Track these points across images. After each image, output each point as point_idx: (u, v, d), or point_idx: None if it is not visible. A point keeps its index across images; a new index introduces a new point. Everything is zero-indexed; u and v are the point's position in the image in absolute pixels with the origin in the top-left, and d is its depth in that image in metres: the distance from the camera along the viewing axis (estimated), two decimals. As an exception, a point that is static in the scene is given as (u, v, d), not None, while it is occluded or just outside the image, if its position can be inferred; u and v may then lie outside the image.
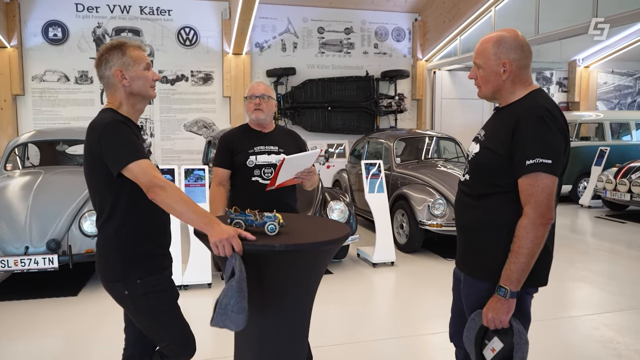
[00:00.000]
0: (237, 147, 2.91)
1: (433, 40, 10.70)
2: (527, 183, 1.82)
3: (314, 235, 1.97)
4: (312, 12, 10.53)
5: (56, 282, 5.00)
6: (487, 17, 9.37)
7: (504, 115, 1.97)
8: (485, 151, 1.97)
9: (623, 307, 4.41)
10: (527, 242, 1.80)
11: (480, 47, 2.00)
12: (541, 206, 1.80)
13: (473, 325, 1.98)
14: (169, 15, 9.68)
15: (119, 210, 2.01)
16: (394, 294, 5.17)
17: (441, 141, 7.95)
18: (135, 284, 2.02)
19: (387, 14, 10.97)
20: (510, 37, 1.95)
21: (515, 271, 1.83)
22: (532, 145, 1.81)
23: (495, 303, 1.87)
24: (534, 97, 1.94)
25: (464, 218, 2.10)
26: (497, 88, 1.99)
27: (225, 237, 1.75)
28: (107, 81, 2.08)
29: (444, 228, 5.91)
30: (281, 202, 2.72)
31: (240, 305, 1.71)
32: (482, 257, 1.98)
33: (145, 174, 1.87)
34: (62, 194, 4.87)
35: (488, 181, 1.96)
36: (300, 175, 2.60)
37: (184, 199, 1.86)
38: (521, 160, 1.83)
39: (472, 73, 2.08)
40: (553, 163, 1.81)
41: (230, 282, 1.72)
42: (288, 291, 1.92)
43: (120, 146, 1.91)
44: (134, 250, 2.04)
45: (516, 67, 1.94)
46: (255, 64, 10.22)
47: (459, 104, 11.57)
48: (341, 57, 10.84)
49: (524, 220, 1.81)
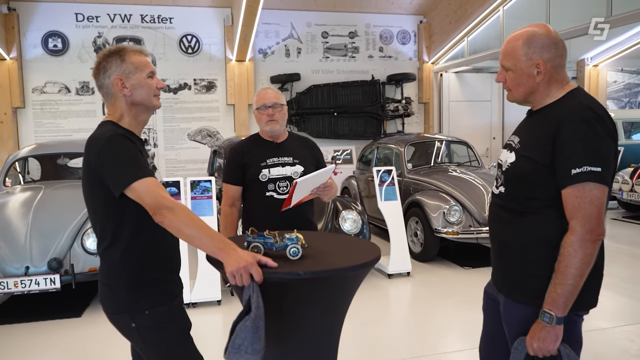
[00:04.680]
0: (249, 161, 2.69)
1: (439, 42, 10.50)
2: (574, 195, 1.60)
3: (342, 258, 1.75)
4: (316, 16, 10.35)
5: (58, 303, 4.78)
6: (495, 17, 9.16)
7: (541, 119, 1.75)
8: (522, 160, 1.75)
9: None
10: (575, 261, 1.59)
11: (508, 46, 1.78)
12: (590, 220, 1.59)
13: (517, 355, 1.76)
14: (170, 23, 9.51)
15: (123, 234, 1.80)
16: (411, 308, 4.94)
17: (452, 145, 7.74)
18: (143, 315, 1.81)
19: (391, 16, 10.77)
20: (542, 34, 1.73)
21: (561, 294, 1.61)
22: (578, 152, 1.59)
23: (540, 331, 1.65)
24: (576, 97, 1.72)
25: (501, 234, 1.87)
26: (530, 91, 1.77)
27: (243, 265, 1.54)
28: (106, 91, 1.87)
29: (461, 236, 5.68)
30: (299, 218, 2.52)
31: (254, 347, 1.49)
32: (525, 278, 1.76)
33: (151, 194, 1.66)
34: (64, 210, 4.67)
35: (527, 194, 1.74)
36: (317, 192, 2.39)
37: (195, 222, 1.65)
38: (566, 169, 1.61)
39: (499, 76, 1.85)
40: (603, 171, 1.59)
41: (245, 321, 1.51)
42: (312, 323, 1.71)
43: (122, 163, 1.70)
44: (141, 278, 1.83)
45: (551, 66, 1.73)
46: (259, 70, 10.03)
47: (467, 106, 11.35)
48: (346, 61, 10.64)
49: (571, 237, 1.60)
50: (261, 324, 1.49)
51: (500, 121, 11.68)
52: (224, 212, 2.77)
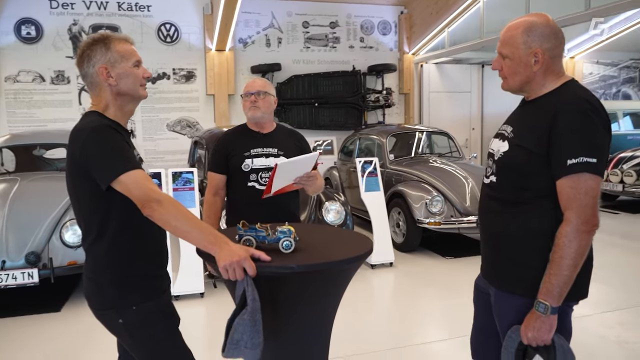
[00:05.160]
0: (233, 150, 2.67)
1: (420, 33, 10.51)
2: (569, 185, 1.61)
3: (334, 251, 1.74)
4: (297, 6, 10.25)
5: (37, 297, 4.67)
6: (476, 9, 9.19)
7: (536, 108, 1.75)
8: (517, 149, 1.75)
9: (633, 304, 4.27)
10: (570, 251, 1.60)
11: (507, 34, 1.77)
12: (585, 211, 1.60)
13: (511, 344, 1.78)
14: (148, 11, 9.31)
15: (109, 228, 1.75)
16: (394, 298, 4.97)
17: (433, 136, 7.78)
18: (130, 311, 1.77)
19: (372, 7, 10.74)
20: (542, 24, 1.73)
21: (556, 284, 1.62)
22: (574, 143, 1.60)
23: (534, 321, 1.67)
24: (571, 89, 1.73)
25: (492, 226, 1.87)
26: (526, 80, 1.77)
27: (236, 259, 1.51)
28: (90, 80, 1.81)
29: (443, 226, 5.73)
30: (282, 210, 2.49)
31: (254, 341, 1.47)
32: (517, 269, 1.77)
33: (140, 187, 1.62)
34: (41, 202, 4.55)
35: (520, 183, 1.74)
36: (300, 181, 2.36)
37: (185, 215, 1.61)
38: (562, 159, 1.61)
39: (496, 64, 1.85)
40: (598, 162, 1.61)
41: (242, 315, 1.48)
42: (306, 316, 1.69)
43: (108, 155, 1.65)
44: (128, 273, 1.78)
45: (549, 56, 1.73)
46: (239, 60, 9.91)
47: (447, 97, 11.42)
48: (327, 51, 10.58)
49: (566, 227, 1.61)
50: (258, 317, 1.47)
51: (479, 112, 11.78)
52: (207, 200, 2.74)
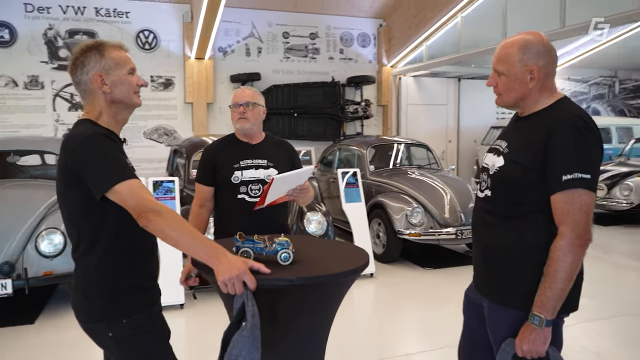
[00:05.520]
0: (221, 161, 2.62)
1: (398, 46, 10.65)
2: (564, 200, 1.65)
3: (332, 264, 1.73)
4: (277, 16, 10.28)
5: (10, 309, 4.50)
6: (454, 24, 9.38)
7: (530, 125, 1.79)
8: (512, 165, 1.79)
9: (610, 315, 4.36)
10: (564, 265, 1.63)
11: (502, 52, 1.81)
12: (579, 226, 1.64)
13: (505, 356, 1.79)
14: (126, 18, 9.21)
15: (102, 239, 1.71)
16: (375, 309, 4.97)
17: (411, 147, 7.86)
18: (121, 324, 1.72)
19: (352, 19, 10.85)
20: (537, 42, 1.77)
21: (551, 297, 1.65)
22: (569, 159, 1.64)
23: (530, 333, 1.69)
24: (565, 106, 1.77)
25: (487, 239, 1.90)
26: (522, 96, 1.80)
27: (236, 273, 1.49)
28: (84, 87, 1.77)
29: (423, 237, 5.78)
30: (272, 222, 2.47)
31: (252, 357, 1.44)
32: (511, 282, 1.79)
33: (136, 197, 1.58)
34: (16, 211, 4.40)
35: (516, 198, 1.77)
36: (292, 193, 2.34)
37: (183, 226, 1.58)
38: (557, 175, 1.65)
39: (491, 80, 1.88)
40: (592, 178, 1.65)
41: (241, 331, 1.45)
42: (303, 328, 1.68)
43: (103, 164, 1.61)
44: (120, 285, 1.74)
45: (544, 73, 1.77)
46: (219, 69, 9.86)
47: (424, 109, 11.58)
48: (306, 62, 10.63)
49: (561, 242, 1.64)
50: (258, 333, 1.44)
51: (455, 125, 11.98)
52: (193, 212, 2.69)
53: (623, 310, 4.48)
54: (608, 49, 11.36)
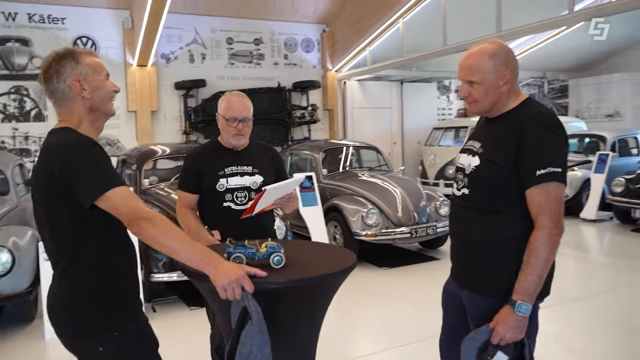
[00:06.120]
0: (206, 169, 2.56)
1: (342, 51, 10.83)
2: (540, 193, 1.77)
3: (323, 265, 1.77)
4: (220, 22, 10.19)
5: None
6: (395, 29, 9.65)
7: (501, 125, 1.91)
8: (488, 163, 1.89)
9: (552, 303, 4.60)
10: (544, 253, 1.75)
11: (471, 62, 1.90)
12: (555, 216, 1.76)
13: (476, 341, 1.88)
14: (62, 24, 8.83)
15: (88, 250, 1.66)
16: (335, 310, 5.01)
17: (361, 150, 8.01)
18: (111, 338, 1.67)
19: (295, 24, 10.92)
20: (503, 49, 1.90)
21: (532, 283, 1.77)
22: (541, 155, 1.77)
23: (512, 321, 1.79)
24: (532, 106, 1.90)
25: (466, 234, 1.99)
26: (496, 100, 1.91)
27: (235, 278, 1.50)
28: (61, 95, 1.72)
29: (379, 237, 5.90)
30: (260, 229, 2.45)
31: (263, 352, 1.46)
32: (491, 272, 1.90)
33: (127, 204, 1.56)
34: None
35: (492, 194, 1.88)
36: (280, 202, 2.36)
37: (177, 234, 1.57)
38: (531, 170, 1.77)
39: (463, 92, 1.96)
40: (563, 171, 1.79)
41: (249, 327, 1.46)
42: (298, 329, 1.70)
43: (94, 171, 1.58)
44: (107, 298, 1.69)
45: (514, 77, 1.90)
46: (162, 76, 9.65)
47: (370, 113, 11.82)
48: (252, 68, 10.60)
49: (541, 232, 1.76)
50: (264, 327, 1.45)
51: (399, 127, 12.31)
52: (181, 212, 2.58)
53: (568, 296, 4.76)
54: (537, 51, 12.06)
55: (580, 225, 8.07)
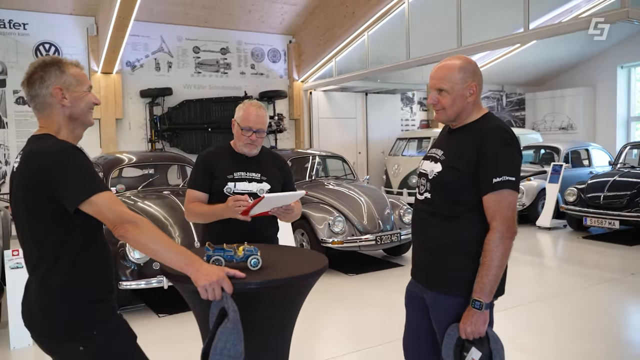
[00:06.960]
0: (217, 170, 2.59)
1: (308, 61, 11.00)
2: (494, 199, 1.93)
3: (297, 267, 1.88)
4: (187, 31, 10.20)
5: None
6: (361, 42, 9.89)
7: (463, 135, 2.08)
8: (449, 170, 2.05)
9: (507, 306, 4.80)
10: (497, 255, 1.91)
11: (442, 73, 2.06)
12: (508, 221, 1.93)
13: (450, 340, 2.03)
14: (24, 30, 8.67)
15: (68, 255, 1.71)
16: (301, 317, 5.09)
17: (327, 159, 8.15)
18: (92, 337, 1.72)
19: (262, 35, 11.04)
20: (471, 64, 2.08)
21: (488, 283, 1.92)
22: (497, 165, 1.94)
23: (472, 317, 1.94)
24: (492, 120, 2.08)
25: (428, 237, 2.14)
26: (461, 110, 2.07)
27: (216, 279, 1.59)
28: (41, 100, 1.77)
29: (345, 245, 6.04)
30: (261, 235, 2.50)
31: (237, 348, 1.55)
32: (452, 273, 2.04)
33: (112, 209, 1.63)
34: None
35: (453, 199, 2.04)
36: (277, 211, 2.40)
37: (160, 237, 1.65)
38: (488, 178, 1.93)
39: (432, 99, 2.12)
40: (516, 180, 1.96)
41: (225, 324, 1.56)
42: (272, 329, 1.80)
43: (79, 176, 1.64)
44: (87, 300, 1.75)
45: (479, 89, 2.08)
46: (127, 83, 9.58)
47: (335, 123, 12.01)
48: (218, 77, 10.63)
49: (494, 235, 1.92)
50: (239, 326, 1.55)
51: (364, 137, 12.55)
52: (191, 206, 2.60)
53: (522, 300, 4.99)
54: (495, 66, 12.55)
55: (536, 232, 8.43)
